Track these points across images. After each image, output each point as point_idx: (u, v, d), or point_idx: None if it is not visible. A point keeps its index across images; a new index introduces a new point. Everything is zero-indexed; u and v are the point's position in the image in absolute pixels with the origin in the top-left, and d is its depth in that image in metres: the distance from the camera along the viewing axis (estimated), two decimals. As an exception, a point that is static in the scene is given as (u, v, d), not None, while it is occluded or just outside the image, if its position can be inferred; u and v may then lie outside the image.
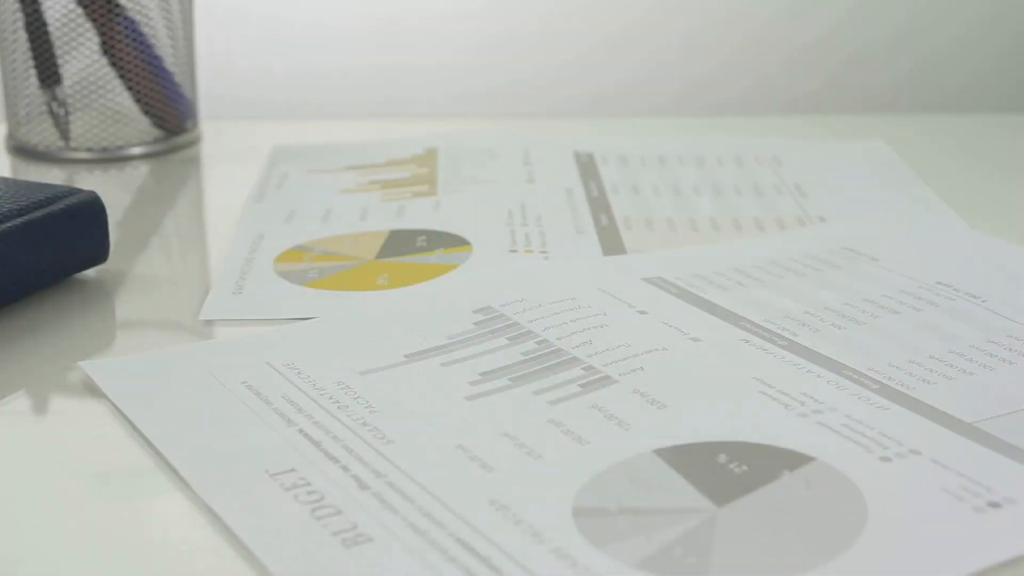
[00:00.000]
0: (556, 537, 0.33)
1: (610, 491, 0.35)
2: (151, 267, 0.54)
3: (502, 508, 0.34)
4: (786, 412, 0.38)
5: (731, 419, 0.38)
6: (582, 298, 0.46)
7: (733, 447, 0.36)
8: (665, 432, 0.37)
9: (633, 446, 0.37)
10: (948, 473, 0.35)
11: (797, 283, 0.48)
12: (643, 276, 0.48)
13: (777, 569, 0.31)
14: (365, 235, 0.54)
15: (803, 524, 0.33)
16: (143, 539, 0.34)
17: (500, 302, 0.46)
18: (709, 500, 0.34)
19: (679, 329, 0.44)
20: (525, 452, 0.37)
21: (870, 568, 0.31)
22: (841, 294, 0.47)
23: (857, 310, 0.45)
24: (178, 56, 0.67)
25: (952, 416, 0.38)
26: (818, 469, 0.35)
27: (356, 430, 0.38)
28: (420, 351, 0.43)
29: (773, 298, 0.47)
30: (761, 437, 0.37)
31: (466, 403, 0.40)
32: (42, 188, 0.49)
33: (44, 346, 0.45)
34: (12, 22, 0.65)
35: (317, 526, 0.33)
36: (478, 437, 0.38)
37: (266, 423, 0.39)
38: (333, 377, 0.41)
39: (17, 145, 0.67)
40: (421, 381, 0.41)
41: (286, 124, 0.74)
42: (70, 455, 0.39)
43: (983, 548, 0.32)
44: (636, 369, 0.41)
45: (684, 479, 0.35)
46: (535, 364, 0.42)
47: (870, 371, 0.41)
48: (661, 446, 0.36)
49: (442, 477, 0.35)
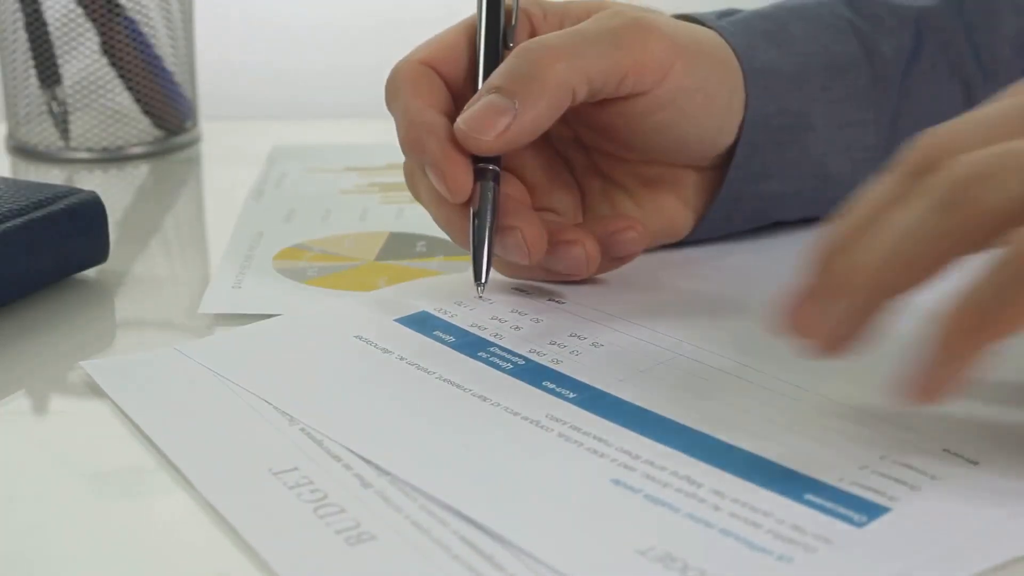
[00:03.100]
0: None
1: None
2: (151, 267, 0.54)
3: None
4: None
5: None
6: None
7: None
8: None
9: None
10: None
11: None
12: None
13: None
14: (364, 236, 0.54)
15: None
16: (145, 539, 0.34)
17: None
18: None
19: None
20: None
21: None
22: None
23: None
24: (178, 56, 0.67)
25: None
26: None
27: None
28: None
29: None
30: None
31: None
32: (42, 188, 0.49)
33: (44, 346, 0.45)
34: (12, 22, 0.65)
35: (320, 524, 0.33)
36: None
37: (268, 421, 0.39)
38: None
39: (17, 145, 0.67)
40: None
41: (286, 124, 0.74)
42: (71, 455, 0.39)
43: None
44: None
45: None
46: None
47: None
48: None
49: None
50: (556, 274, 0.47)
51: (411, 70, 0.46)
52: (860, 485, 0.35)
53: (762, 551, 0.32)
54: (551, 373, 0.41)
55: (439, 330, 0.44)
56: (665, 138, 0.47)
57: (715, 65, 0.48)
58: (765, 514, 0.33)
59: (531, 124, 0.43)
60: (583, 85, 0.44)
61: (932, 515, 0.34)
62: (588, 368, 0.41)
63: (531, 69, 0.43)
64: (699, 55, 0.47)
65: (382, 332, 0.44)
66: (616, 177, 0.49)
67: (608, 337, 0.44)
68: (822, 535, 0.33)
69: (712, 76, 0.47)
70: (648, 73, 0.45)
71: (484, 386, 0.40)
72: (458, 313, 0.45)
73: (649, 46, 0.45)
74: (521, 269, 0.47)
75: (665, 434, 0.37)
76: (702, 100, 0.47)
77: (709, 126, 0.48)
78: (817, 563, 0.32)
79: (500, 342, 0.43)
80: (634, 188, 0.49)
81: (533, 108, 0.43)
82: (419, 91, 0.45)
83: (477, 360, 0.42)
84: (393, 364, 0.42)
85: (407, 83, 0.46)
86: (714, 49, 0.48)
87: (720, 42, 0.49)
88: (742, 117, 0.49)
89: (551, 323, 0.45)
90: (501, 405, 0.39)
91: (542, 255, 0.45)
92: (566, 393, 0.40)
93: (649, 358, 0.42)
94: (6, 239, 0.46)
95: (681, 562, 0.32)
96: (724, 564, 0.32)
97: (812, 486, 0.35)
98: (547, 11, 0.48)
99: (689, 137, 0.48)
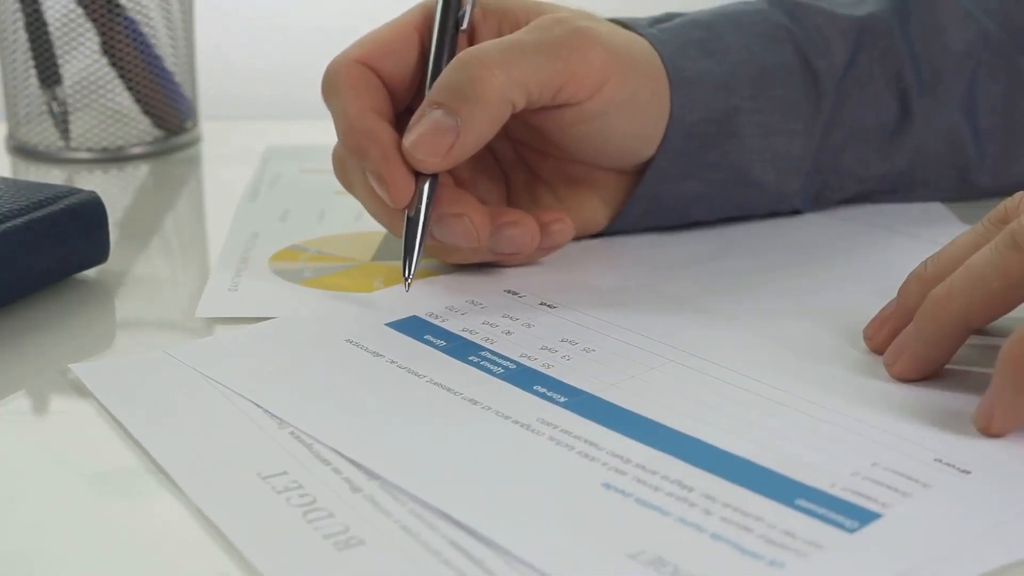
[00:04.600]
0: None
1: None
2: (151, 267, 0.54)
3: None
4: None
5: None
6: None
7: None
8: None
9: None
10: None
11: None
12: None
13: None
14: (360, 236, 0.54)
15: None
16: (144, 539, 0.34)
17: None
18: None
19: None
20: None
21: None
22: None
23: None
24: (178, 56, 0.67)
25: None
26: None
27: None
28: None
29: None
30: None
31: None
32: (42, 188, 0.49)
33: (44, 346, 0.45)
34: (12, 22, 0.65)
35: (309, 529, 0.33)
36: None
37: (257, 425, 0.39)
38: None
39: (17, 145, 0.67)
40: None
41: (287, 124, 0.74)
42: (70, 455, 0.39)
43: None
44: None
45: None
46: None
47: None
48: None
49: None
50: (499, 255, 0.48)
51: (349, 70, 0.47)
52: (852, 491, 0.35)
53: (753, 556, 0.32)
54: (542, 377, 0.41)
55: (430, 334, 0.44)
56: (591, 146, 0.49)
57: (646, 78, 0.48)
58: (756, 519, 0.34)
59: (473, 141, 0.45)
60: (522, 98, 0.45)
61: (923, 522, 0.34)
62: (579, 372, 0.41)
63: (472, 87, 0.44)
64: (633, 68, 0.48)
65: (373, 336, 0.44)
66: (540, 172, 0.51)
67: (600, 342, 0.44)
68: (813, 540, 0.33)
69: (643, 90, 0.48)
70: (583, 87, 0.46)
71: (475, 390, 0.40)
72: (449, 318, 0.45)
73: (588, 58, 0.46)
74: (465, 254, 0.48)
75: (656, 438, 0.37)
76: (630, 113, 0.48)
77: (634, 136, 0.49)
78: (808, 568, 0.32)
79: (491, 346, 0.43)
80: (557, 184, 0.51)
81: (475, 127, 0.45)
82: (358, 92, 0.46)
83: (468, 364, 0.42)
84: (384, 368, 0.42)
85: (345, 83, 0.47)
86: (646, 61, 0.49)
87: (651, 52, 0.49)
88: (666, 126, 0.49)
89: (542, 328, 0.45)
90: (492, 409, 0.39)
91: (487, 238, 0.46)
92: (557, 397, 0.40)
93: (640, 363, 0.42)
94: (6, 239, 0.46)
95: (672, 566, 0.32)
96: (715, 569, 0.32)
97: (804, 491, 0.35)
98: (486, 11, 0.49)
99: (613, 146, 0.49)
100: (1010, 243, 0.38)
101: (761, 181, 0.52)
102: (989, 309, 0.39)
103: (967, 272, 0.39)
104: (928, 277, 0.41)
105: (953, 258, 0.41)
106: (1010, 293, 0.39)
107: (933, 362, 0.40)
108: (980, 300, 0.39)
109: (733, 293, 0.48)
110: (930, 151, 0.55)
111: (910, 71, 0.54)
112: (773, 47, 0.51)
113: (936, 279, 0.40)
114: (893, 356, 0.41)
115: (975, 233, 0.41)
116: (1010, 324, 0.38)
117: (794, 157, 0.52)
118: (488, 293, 0.47)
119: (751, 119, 0.51)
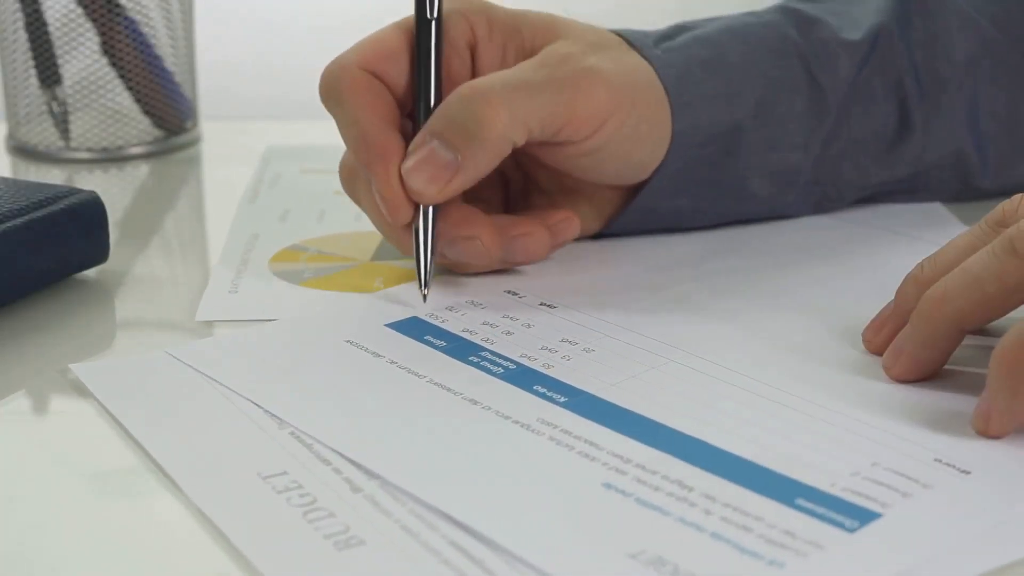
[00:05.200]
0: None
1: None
2: (151, 267, 0.54)
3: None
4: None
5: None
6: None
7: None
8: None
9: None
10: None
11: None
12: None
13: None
14: (360, 236, 0.54)
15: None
16: (144, 539, 0.34)
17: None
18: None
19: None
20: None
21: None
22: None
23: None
24: (178, 56, 0.67)
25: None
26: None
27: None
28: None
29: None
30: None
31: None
32: (42, 188, 0.49)
33: (44, 346, 0.45)
34: (12, 22, 0.65)
35: (309, 529, 0.33)
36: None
37: (257, 425, 0.39)
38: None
39: (17, 145, 0.67)
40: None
41: (287, 124, 0.74)
42: (70, 455, 0.39)
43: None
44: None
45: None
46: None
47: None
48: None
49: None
50: (512, 263, 0.49)
51: (353, 76, 0.46)
52: (852, 491, 0.35)
53: (753, 555, 0.32)
54: (542, 377, 0.41)
55: (430, 335, 0.44)
56: (588, 171, 0.49)
57: (648, 110, 0.48)
58: (756, 518, 0.34)
59: (473, 177, 0.45)
60: (523, 136, 0.45)
61: (923, 521, 0.34)
62: (579, 372, 0.41)
63: (476, 126, 0.44)
64: (634, 105, 0.47)
65: (373, 337, 0.44)
66: (538, 179, 0.51)
67: (600, 342, 0.44)
68: (813, 540, 0.33)
69: (643, 124, 0.48)
70: (584, 127, 0.46)
71: (475, 390, 0.40)
72: (449, 318, 0.45)
73: (591, 99, 0.46)
74: (477, 266, 0.48)
75: (656, 438, 0.37)
76: (629, 146, 0.48)
77: (632, 164, 0.49)
78: (808, 568, 0.32)
79: (491, 347, 0.43)
80: (553, 192, 0.51)
81: (475, 165, 0.45)
82: (366, 101, 0.46)
83: (468, 364, 0.42)
84: (384, 368, 0.42)
85: (351, 91, 0.46)
86: (649, 91, 0.48)
87: (655, 81, 0.49)
88: (666, 150, 0.49)
89: (543, 328, 0.45)
90: (492, 409, 0.39)
91: (500, 253, 0.47)
92: (557, 397, 0.40)
93: (641, 363, 0.42)
94: (6, 239, 0.46)
95: (672, 566, 0.32)
96: (715, 568, 0.32)
97: (804, 491, 0.35)
98: (494, 27, 0.48)
99: (611, 172, 0.49)
100: (1008, 248, 0.38)
101: (757, 194, 0.52)
102: (983, 312, 0.39)
103: (962, 275, 0.39)
104: (924, 279, 0.41)
105: (949, 260, 0.41)
106: (1006, 297, 0.39)
107: (930, 363, 0.40)
108: (974, 303, 0.39)
109: (733, 293, 0.48)
110: (931, 159, 0.55)
111: (910, 80, 0.54)
112: (780, 63, 0.51)
113: (932, 281, 0.40)
114: (891, 359, 0.41)
115: (972, 235, 0.41)
116: (1010, 324, 0.38)
117: (793, 169, 0.52)
118: (488, 293, 0.47)
119: (752, 136, 0.51)
